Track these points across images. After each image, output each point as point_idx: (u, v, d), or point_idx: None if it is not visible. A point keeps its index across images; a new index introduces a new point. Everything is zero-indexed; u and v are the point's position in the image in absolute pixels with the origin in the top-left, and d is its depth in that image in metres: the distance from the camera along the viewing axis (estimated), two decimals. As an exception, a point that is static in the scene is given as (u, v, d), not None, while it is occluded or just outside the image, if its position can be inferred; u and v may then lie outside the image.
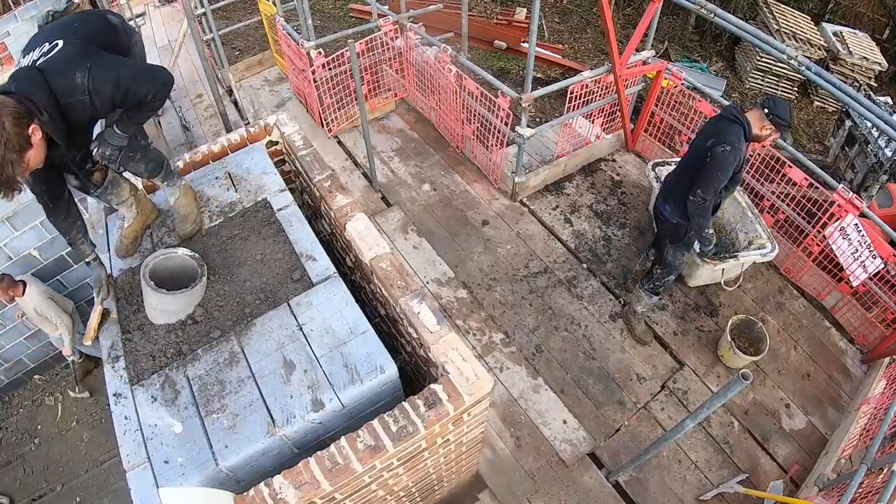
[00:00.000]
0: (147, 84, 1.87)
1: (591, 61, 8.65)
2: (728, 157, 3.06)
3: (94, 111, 1.81)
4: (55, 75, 1.73)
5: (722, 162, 3.07)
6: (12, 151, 1.60)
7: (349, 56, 4.04)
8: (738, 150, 3.07)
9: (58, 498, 4.16)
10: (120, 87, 1.79)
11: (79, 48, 1.79)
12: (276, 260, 2.36)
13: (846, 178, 6.81)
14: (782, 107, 3.09)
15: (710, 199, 3.18)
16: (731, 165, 3.08)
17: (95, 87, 1.75)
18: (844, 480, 2.92)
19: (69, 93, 1.74)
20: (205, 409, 1.97)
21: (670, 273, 3.66)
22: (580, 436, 3.53)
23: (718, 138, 3.09)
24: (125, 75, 1.81)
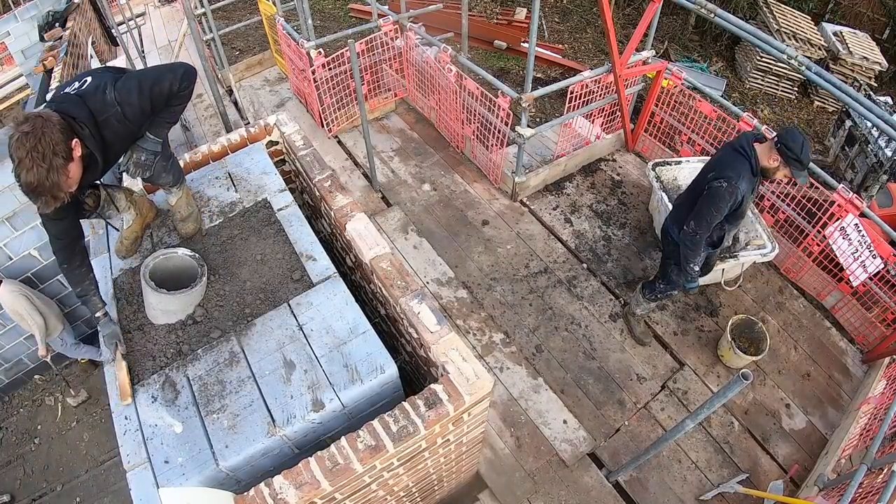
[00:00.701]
0: (168, 78, 1.99)
1: (591, 61, 8.64)
2: (722, 194, 2.91)
3: (128, 122, 1.94)
4: (89, 98, 1.90)
5: (715, 197, 2.94)
6: (59, 157, 1.70)
7: (349, 56, 4.04)
8: (737, 187, 2.91)
9: (58, 498, 4.15)
10: (143, 90, 1.94)
11: (103, 74, 1.98)
12: (277, 260, 2.36)
13: (846, 178, 6.81)
14: (793, 137, 2.83)
15: (703, 234, 3.06)
16: (724, 202, 2.94)
17: (122, 98, 1.91)
18: (844, 480, 2.92)
19: (103, 109, 1.89)
20: (205, 409, 1.97)
21: (673, 288, 3.59)
22: (580, 436, 3.54)
23: (718, 171, 2.97)
24: (145, 77, 1.98)
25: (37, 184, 1.69)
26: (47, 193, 1.72)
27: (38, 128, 1.68)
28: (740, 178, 2.92)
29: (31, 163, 1.66)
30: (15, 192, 3.74)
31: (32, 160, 1.66)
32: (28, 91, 6.97)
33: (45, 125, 1.69)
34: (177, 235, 2.47)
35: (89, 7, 6.89)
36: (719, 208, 2.96)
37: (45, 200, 1.74)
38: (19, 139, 1.66)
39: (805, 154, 2.81)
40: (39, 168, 1.67)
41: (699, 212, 3.02)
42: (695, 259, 3.20)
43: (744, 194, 2.98)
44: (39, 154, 1.66)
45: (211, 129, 5.96)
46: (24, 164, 1.67)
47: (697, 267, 3.25)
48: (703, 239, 3.09)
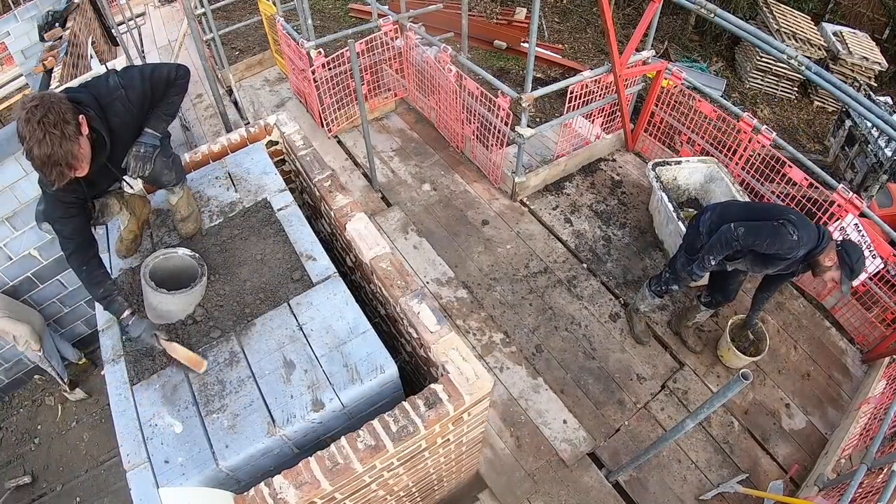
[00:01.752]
0: (166, 67, 2.07)
1: (591, 61, 8.65)
2: (782, 237, 2.85)
3: (132, 106, 1.98)
4: (92, 86, 1.96)
5: (780, 235, 2.87)
6: (70, 125, 1.72)
7: (349, 56, 4.04)
8: (795, 250, 2.87)
9: (58, 498, 4.15)
10: (144, 75, 2.01)
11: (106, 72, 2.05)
12: (276, 260, 2.36)
13: (846, 178, 6.82)
14: (855, 249, 2.91)
15: (738, 244, 2.98)
16: (781, 245, 2.87)
17: (126, 83, 1.97)
18: (844, 480, 2.92)
19: (108, 94, 1.94)
20: (205, 409, 1.97)
21: (676, 281, 3.53)
22: (580, 436, 3.54)
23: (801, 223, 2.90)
24: (144, 66, 2.06)
25: (50, 152, 1.69)
26: (62, 162, 1.72)
27: (45, 100, 1.69)
28: (802, 246, 2.88)
29: (43, 133, 1.66)
30: (15, 193, 3.73)
31: (44, 130, 1.66)
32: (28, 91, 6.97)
33: (52, 98, 1.72)
34: (177, 235, 2.47)
35: (89, 7, 6.90)
36: (773, 244, 2.89)
37: (60, 171, 1.74)
38: (29, 112, 1.67)
39: (859, 267, 2.89)
40: (52, 136, 1.67)
41: (757, 231, 2.93)
42: (716, 255, 3.11)
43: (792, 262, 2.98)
44: (50, 122, 1.67)
45: (211, 129, 5.96)
46: (36, 135, 1.67)
47: (715, 261, 3.17)
48: (733, 249, 3.02)
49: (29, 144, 1.68)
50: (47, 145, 1.68)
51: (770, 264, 3.08)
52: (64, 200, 1.98)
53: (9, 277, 4.03)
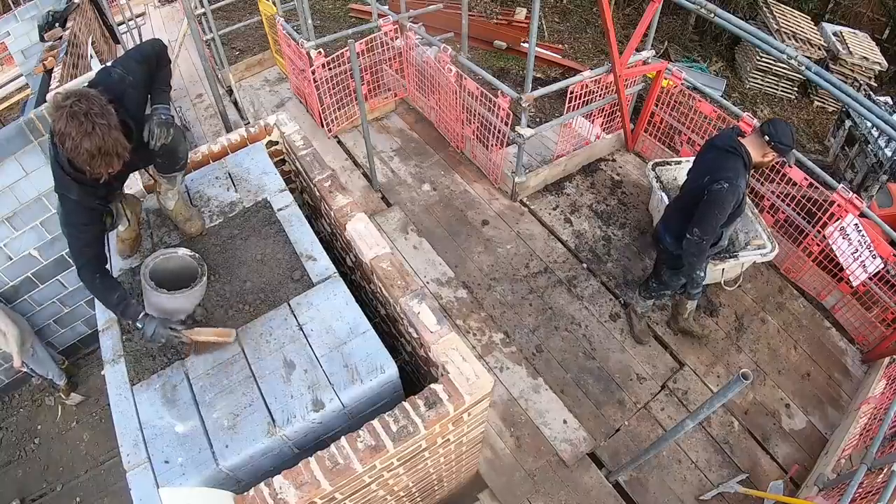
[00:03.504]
0: (144, 45, 2.14)
1: (591, 61, 8.64)
2: (726, 195, 2.88)
3: (141, 89, 2.04)
4: (101, 82, 1.97)
5: (719, 200, 2.89)
6: (112, 115, 1.76)
7: (349, 56, 4.04)
8: (737, 187, 2.89)
9: (58, 498, 4.15)
10: (135, 56, 2.07)
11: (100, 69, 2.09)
12: (277, 260, 2.36)
13: (846, 178, 6.81)
14: (784, 131, 2.86)
15: (709, 239, 3.02)
16: (729, 203, 2.91)
17: (127, 69, 2.01)
18: (844, 480, 2.92)
19: (118, 85, 1.96)
20: (205, 409, 1.97)
21: (666, 289, 3.59)
22: (580, 436, 3.53)
23: (715, 174, 2.91)
24: (129, 52, 2.14)
25: (101, 143, 1.72)
26: (112, 152, 1.77)
27: (86, 95, 1.73)
28: (738, 177, 2.89)
29: (91, 125, 1.69)
30: (15, 193, 3.73)
31: (92, 122, 1.69)
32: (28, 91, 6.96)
33: (91, 93, 1.76)
34: (177, 235, 2.47)
35: (89, 7, 6.89)
36: (723, 209, 2.92)
37: (109, 160, 1.78)
38: (73, 106, 1.68)
39: (787, 137, 2.87)
40: (100, 126, 1.71)
41: (703, 218, 2.96)
42: (701, 265, 3.17)
43: (743, 193, 2.97)
44: (97, 114, 1.70)
45: (211, 129, 5.96)
46: (84, 128, 1.69)
47: (703, 273, 3.21)
48: (709, 244, 3.06)
49: (76, 140, 1.69)
50: (98, 136, 1.71)
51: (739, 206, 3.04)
52: (88, 206, 1.98)
53: (9, 277, 4.03)
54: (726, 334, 4.05)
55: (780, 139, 2.85)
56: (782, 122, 2.90)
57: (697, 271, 3.19)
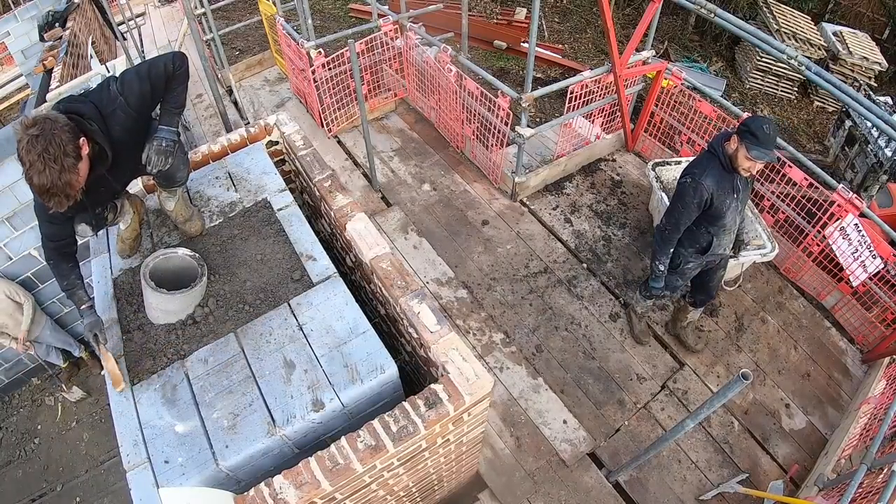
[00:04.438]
0: (161, 60, 2.03)
1: (591, 61, 8.64)
2: (686, 189, 2.92)
3: (132, 111, 1.98)
4: (94, 95, 1.96)
5: (681, 193, 2.96)
6: (69, 157, 1.74)
7: (349, 56, 4.04)
8: (700, 183, 2.87)
9: (58, 498, 4.15)
10: (141, 74, 1.98)
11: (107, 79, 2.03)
12: (276, 260, 2.36)
13: (846, 178, 6.81)
14: (756, 124, 2.69)
15: (671, 232, 3.08)
16: (690, 198, 2.92)
17: (125, 87, 1.96)
18: (844, 480, 2.92)
19: (109, 103, 1.94)
20: (205, 409, 1.97)
21: (665, 288, 3.56)
22: (580, 436, 3.53)
23: (686, 170, 3.00)
24: (141, 65, 2.04)
25: (50, 185, 1.72)
26: (60, 193, 1.76)
27: (46, 130, 1.71)
28: (704, 175, 2.88)
29: (43, 165, 1.70)
30: (15, 192, 3.74)
31: (44, 162, 1.69)
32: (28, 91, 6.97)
33: (54, 127, 1.72)
34: (177, 235, 2.47)
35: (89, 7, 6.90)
36: (685, 204, 2.95)
37: (59, 200, 1.78)
38: (29, 142, 1.69)
39: (758, 126, 2.66)
40: (52, 169, 1.71)
41: (668, 209, 3.09)
42: (660, 257, 3.22)
43: (712, 192, 2.91)
44: (51, 156, 1.69)
45: (211, 129, 5.96)
46: (36, 166, 1.70)
47: (663, 266, 3.26)
48: (672, 238, 3.11)
49: (29, 174, 1.72)
50: (46, 177, 1.71)
51: (712, 208, 2.98)
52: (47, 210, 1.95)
53: (9, 277, 4.03)
54: (726, 334, 4.05)
55: (746, 123, 2.71)
56: (762, 118, 2.74)
57: (656, 262, 3.25)
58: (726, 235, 3.22)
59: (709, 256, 3.32)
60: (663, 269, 3.29)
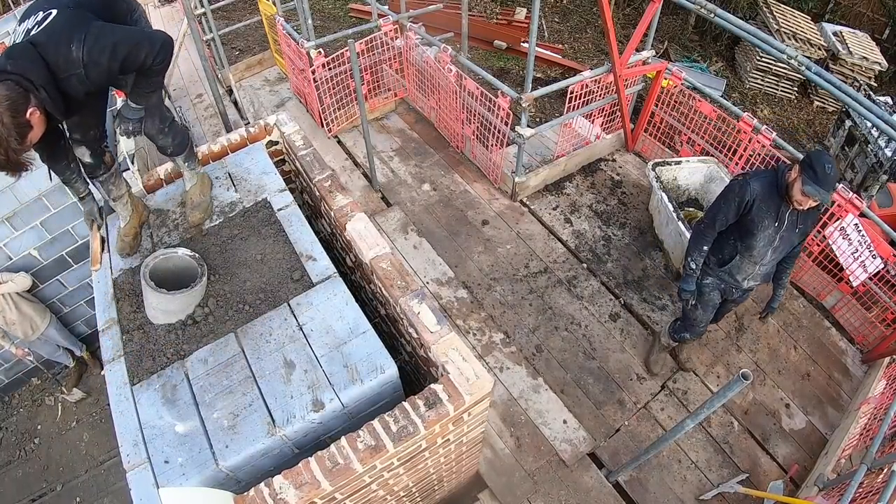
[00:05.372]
0: (145, 48, 1.80)
1: (591, 61, 8.64)
2: (732, 186, 2.86)
3: (90, 83, 1.77)
4: (50, 50, 1.69)
5: (725, 189, 2.91)
6: (14, 141, 1.61)
7: (349, 56, 4.04)
8: (747, 185, 2.79)
9: (58, 498, 4.16)
10: (117, 56, 1.75)
11: (71, 17, 1.73)
12: (276, 260, 2.36)
13: (846, 178, 6.82)
14: (820, 156, 2.60)
15: (707, 228, 2.99)
16: (733, 195, 2.84)
17: (92, 59, 1.71)
18: (844, 480, 2.92)
19: (65, 67, 1.70)
20: (205, 409, 1.97)
21: (686, 329, 3.43)
22: (580, 436, 3.53)
23: (742, 173, 2.93)
24: (121, 41, 1.76)
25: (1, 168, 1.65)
26: (10, 169, 1.67)
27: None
28: (755, 179, 2.81)
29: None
30: (15, 193, 3.74)
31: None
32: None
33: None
34: (177, 235, 2.47)
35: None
36: (727, 200, 2.87)
37: (11, 173, 1.69)
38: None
39: (820, 163, 2.56)
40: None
41: (710, 206, 3.02)
42: (693, 254, 3.09)
43: (755, 197, 2.79)
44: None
45: (211, 128, 5.95)
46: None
47: (694, 265, 3.12)
48: (705, 233, 3.01)
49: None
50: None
51: (749, 216, 2.86)
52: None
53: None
54: (726, 334, 4.05)
55: (810, 163, 2.60)
56: (827, 156, 2.62)
57: (688, 258, 3.12)
58: (750, 263, 3.03)
59: (726, 276, 3.16)
60: (695, 266, 3.11)
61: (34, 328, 4.12)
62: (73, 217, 4.10)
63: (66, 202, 4.02)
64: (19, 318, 3.99)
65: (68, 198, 4.02)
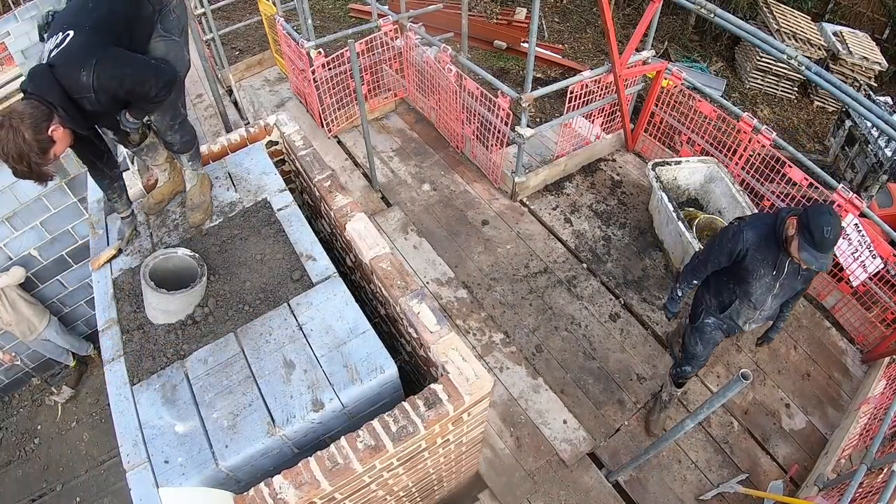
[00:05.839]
0: (150, 83, 1.93)
1: (591, 61, 8.64)
2: (725, 232, 2.74)
3: (100, 106, 1.89)
4: (63, 74, 1.81)
5: (720, 233, 2.80)
6: (36, 156, 1.77)
7: (349, 56, 4.04)
8: (741, 231, 2.64)
9: (58, 498, 4.16)
10: (124, 86, 1.88)
11: (86, 42, 1.83)
12: (276, 260, 2.36)
13: (846, 178, 6.81)
14: (818, 208, 2.40)
15: (699, 264, 2.88)
16: (725, 241, 2.71)
17: (101, 86, 1.83)
18: (844, 480, 2.92)
19: (77, 89, 1.82)
20: (205, 409, 1.97)
21: (687, 362, 3.27)
22: (580, 436, 3.53)
23: (742, 216, 2.82)
24: (130, 74, 1.89)
25: (24, 177, 1.81)
26: (36, 179, 1.83)
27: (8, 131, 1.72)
28: (750, 227, 2.66)
29: (14, 163, 1.77)
30: (15, 193, 3.74)
31: (15, 161, 1.76)
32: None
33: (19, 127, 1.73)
34: (177, 235, 2.47)
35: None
36: (719, 245, 2.74)
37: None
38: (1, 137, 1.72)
39: (818, 227, 2.33)
40: (21, 167, 1.77)
41: (707, 242, 2.93)
42: (681, 283, 3.02)
43: (748, 247, 2.64)
44: (17, 155, 1.74)
45: (211, 129, 5.95)
46: (9, 163, 1.77)
47: (681, 292, 3.04)
48: (697, 270, 2.91)
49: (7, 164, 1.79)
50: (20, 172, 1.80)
51: (743, 263, 2.72)
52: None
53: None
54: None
55: (807, 210, 2.42)
56: (828, 215, 2.36)
57: (676, 285, 3.06)
58: (750, 308, 2.90)
59: (727, 320, 3.03)
60: (681, 294, 3.05)
61: (32, 329, 4.11)
62: (73, 217, 4.10)
63: (66, 202, 4.02)
64: (16, 318, 3.99)
65: (68, 198, 4.02)
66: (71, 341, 4.51)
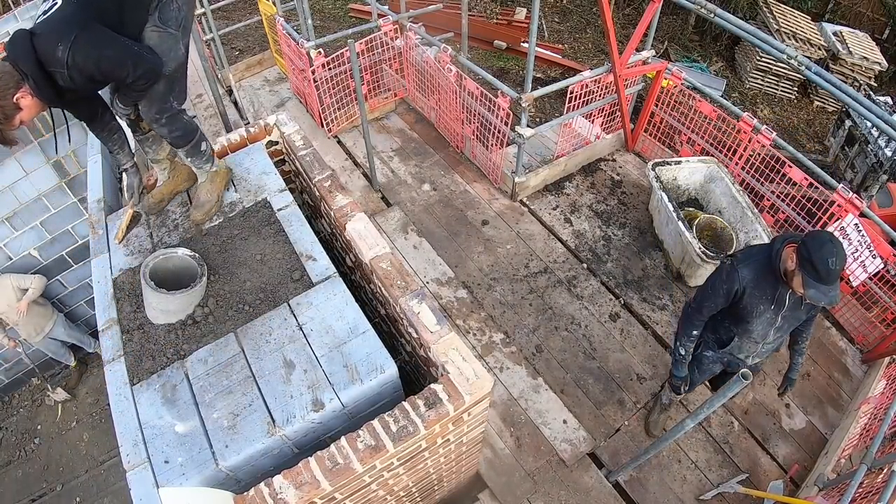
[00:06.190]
0: (128, 69, 1.86)
1: (591, 61, 8.64)
2: (719, 272, 2.57)
3: (73, 83, 1.82)
4: (41, 43, 1.75)
5: (714, 274, 2.63)
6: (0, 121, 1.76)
7: (349, 56, 4.04)
8: (735, 270, 2.48)
9: (58, 498, 4.16)
10: (100, 68, 1.82)
11: (69, 15, 1.77)
12: (276, 260, 2.36)
13: (846, 177, 6.81)
14: (818, 237, 2.22)
15: (695, 312, 2.69)
16: (720, 283, 2.54)
17: (75, 63, 1.76)
18: (844, 480, 2.92)
19: (51, 62, 1.76)
20: (205, 409, 1.97)
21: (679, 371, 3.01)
22: (580, 436, 3.54)
23: (735, 252, 2.63)
24: (106, 56, 1.82)
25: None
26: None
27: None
28: (745, 265, 2.49)
29: None
30: (15, 193, 3.74)
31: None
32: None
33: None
34: (177, 235, 2.47)
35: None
36: (714, 288, 2.58)
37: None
38: None
39: (822, 259, 2.15)
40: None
41: (699, 288, 2.71)
42: (682, 339, 2.80)
43: (745, 286, 2.49)
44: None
45: (211, 129, 5.95)
46: None
47: (684, 350, 2.82)
48: (694, 318, 2.72)
49: None
50: None
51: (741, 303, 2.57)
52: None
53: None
54: (726, 334, 4.05)
55: (806, 241, 2.24)
56: (830, 244, 2.18)
57: (678, 343, 2.85)
58: (751, 343, 2.76)
59: (727, 356, 2.91)
60: (684, 353, 2.83)
61: (38, 331, 4.12)
62: (73, 217, 4.10)
63: (66, 202, 4.02)
64: (24, 320, 3.99)
65: (68, 198, 4.02)
66: (79, 336, 4.52)
